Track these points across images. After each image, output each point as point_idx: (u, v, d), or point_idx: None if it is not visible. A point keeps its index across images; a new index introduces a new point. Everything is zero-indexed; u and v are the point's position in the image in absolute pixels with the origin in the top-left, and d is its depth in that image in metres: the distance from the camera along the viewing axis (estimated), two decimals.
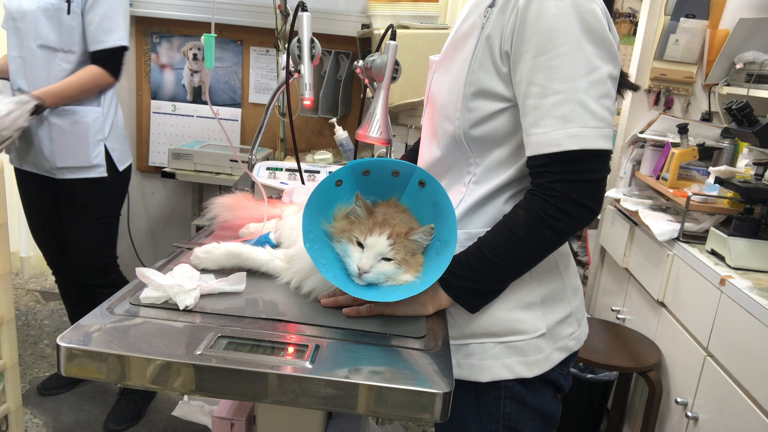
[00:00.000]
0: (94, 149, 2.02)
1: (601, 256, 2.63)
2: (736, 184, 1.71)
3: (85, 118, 1.99)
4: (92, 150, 2.02)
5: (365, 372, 0.74)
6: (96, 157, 2.03)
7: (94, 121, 2.01)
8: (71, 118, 1.98)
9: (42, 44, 1.92)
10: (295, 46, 1.18)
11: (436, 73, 1.05)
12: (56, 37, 1.91)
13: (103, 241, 2.15)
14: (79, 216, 2.08)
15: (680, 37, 2.28)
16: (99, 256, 2.15)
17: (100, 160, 2.04)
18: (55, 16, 1.89)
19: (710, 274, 1.63)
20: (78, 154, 2.00)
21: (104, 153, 2.05)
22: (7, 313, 1.70)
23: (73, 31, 1.91)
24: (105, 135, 2.05)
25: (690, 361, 1.70)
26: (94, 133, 2.01)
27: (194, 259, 1.00)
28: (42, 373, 2.47)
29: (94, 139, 2.02)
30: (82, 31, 1.93)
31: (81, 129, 1.99)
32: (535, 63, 0.86)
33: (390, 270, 0.89)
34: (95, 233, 2.12)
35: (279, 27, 2.43)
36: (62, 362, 0.74)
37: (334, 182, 0.91)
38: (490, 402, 0.99)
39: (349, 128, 2.43)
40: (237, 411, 1.15)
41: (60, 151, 1.99)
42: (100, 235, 2.13)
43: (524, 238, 0.88)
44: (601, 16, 0.87)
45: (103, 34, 1.92)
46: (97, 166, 2.04)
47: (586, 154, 0.85)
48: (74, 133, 1.99)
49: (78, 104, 1.98)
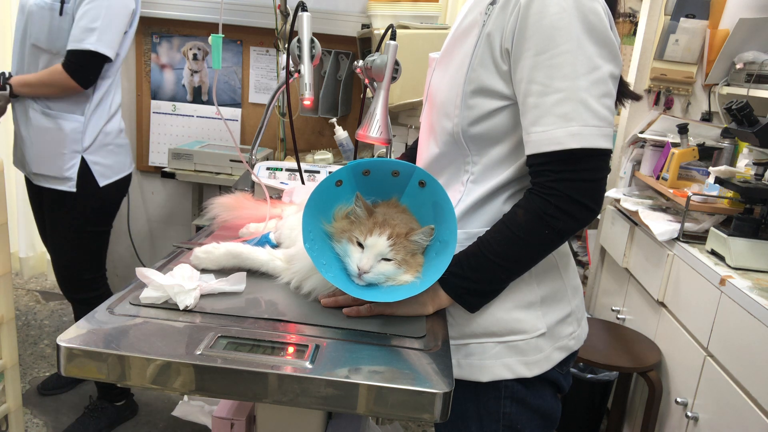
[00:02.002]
0: (68, 161, 1.92)
1: (601, 256, 2.63)
2: (736, 184, 1.71)
3: (64, 126, 1.91)
4: (66, 162, 1.92)
5: (365, 372, 0.74)
6: (68, 170, 1.92)
7: (71, 132, 1.91)
8: (52, 123, 1.91)
9: (34, 43, 1.88)
10: (295, 46, 1.18)
11: (436, 70, 1.05)
12: (44, 37, 1.85)
13: (79, 255, 2.03)
14: (54, 225, 2.00)
15: (680, 37, 2.28)
16: (74, 270, 2.05)
17: (72, 174, 1.92)
18: (47, 16, 1.83)
19: (710, 274, 1.63)
20: (51, 163, 1.92)
21: (79, 166, 1.93)
22: (7, 313, 1.70)
23: (63, 33, 1.84)
24: (83, 147, 1.94)
25: (690, 361, 1.70)
26: (70, 144, 1.91)
27: (194, 259, 1.00)
28: (42, 373, 2.47)
29: (70, 149, 1.92)
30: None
31: (58, 137, 1.91)
32: (536, 61, 0.86)
33: (390, 270, 0.89)
34: (71, 245, 2.01)
35: (279, 27, 2.43)
36: (62, 362, 0.74)
37: (334, 182, 0.91)
38: (490, 402, 0.99)
39: (349, 128, 2.43)
40: (237, 411, 1.15)
41: (36, 156, 1.93)
42: (76, 248, 2.01)
43: (524, 238, 0.88)
44: (603, 16, 0.87)
45: (78, 33, 1.81)
46: (67, 179, 1.93)
47: (586, 153, 0.85)
48: (51, 141, 1.91)
49: (61, 110, 1.91)
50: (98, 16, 1.81)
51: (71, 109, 1.93)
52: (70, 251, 2.03)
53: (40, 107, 1.92)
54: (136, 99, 2.94)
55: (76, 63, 1.84)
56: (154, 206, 3.10)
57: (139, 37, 2.87)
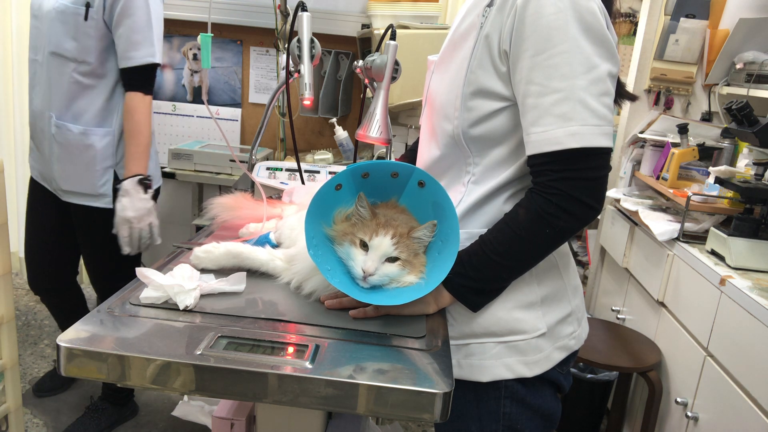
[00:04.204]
0: (101, 177, 1.82)
1: (601, 256, 2.63)
2: (736, 184, 1.71)
3: (95, 143, 1.79)
4: (99, 178, 1.81)
5: (365, 372, 0.75)
6: (102, 186, 1.82)
7: (104, 148, 1.80)
8: (81, 140, 1.79)
9: (54, 51, 1.74)
10: (295, 46, 1.18)
11: (435, 72, 1.05)
12: (70, 45, 1.71)
13: (118, 267, 1.92)
14: (88, 243, 1.93)
15: (680, 37, 2.28)
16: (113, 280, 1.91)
17: (107, 190, 1.82)
18: (71, 21, 1.69)
19: (710, 274, 1.63)
20: (84, 180, 1.81)
21: (113, 181, 1.83)
22: (7, 313, 1.70)
23: (90, 40, 1.71)
24: (116, 161, 1.84)
25: (690, 361, 1.70)
26: (102, 160, 1.80)
27: (194, 258, 1.00)
28: (42, 374, 2.47)
29: (102, 166, 1.81)
30: (100, 40, 1.73)
31: (89, 155, 1.79)
32: (534, 62, 0.86)
33: (394, 271, 0.89)
34: (107, 261, 1.92)
35: (279, 27, 2.43)
36: (62, 362, 0.74)
37: (333, 186, 0.91)
38: (490, 402, 0.99)
39: (349, 128, 2.43)
40: (237, 411, 1.15)
41: (65, 173, 1.81)
42: (115, 262, 1.88)
43: (525, 237, 0.88)
44: (599, 15, 0.87)
45: (131, 49, 1.72)
46: (102, 196, 1.83)
47: (586, 152, 0.85)
48: (81, 159, 1.79)
49: (88, 124, 1.79)
50: (143, 24, 1.73)
51: (100, 121, 1.81)
52: (111, 264, 1.94)
53: (65, 121, 1.79)
54: None
55: (141, 79, 1.76)
56: None
57: None
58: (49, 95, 1.79)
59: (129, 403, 2.23)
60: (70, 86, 1.77)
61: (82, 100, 1.79)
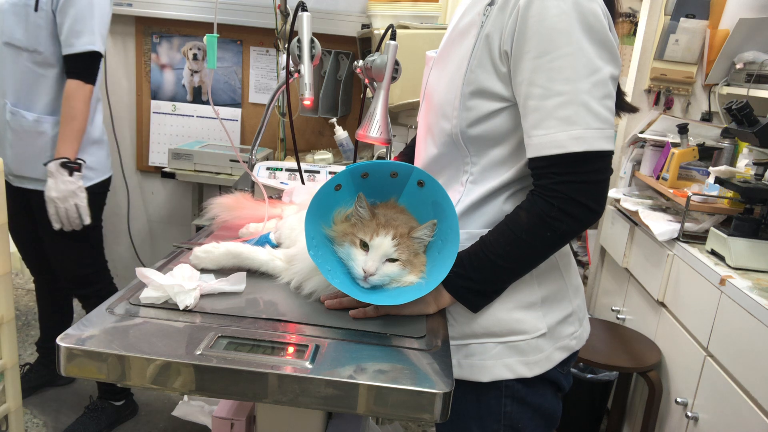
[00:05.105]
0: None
1: (601, 256, 2.63)
2: (736, 184, 1.71)
3: (47, 130, 1.89)
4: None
5: (365, 372, 0.74)
6: None
7: (56, 135, 1.88)
8: (34, 127, 1.88)
9: (8, 42, 1.83)
10: (295, 46, 1.18)
11: (433, 69, 1.05)
12: (21, 35, 1.81)
13: (78, 253, 2.03)
14: (47, 227, 1.94)
15: (680, 37, 2.28)
16: (76, 267, 2.05)
17: None
18: (21, 12, 1.80)
19: (710, 274, 1.63)
20: (36, 165, 1.90)
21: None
22: (7, 313, 1.70)
23: (40, 29, 1.81)
24: None
25: (690, 361, 1.70)
26: (54, 146, 1.88)
27: (194, 258, 1.00)
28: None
29: (54, 152, 1.87)
30: (50, 30, 1.82)
31: (42, 141, 1.89)
32: (536, 64, 0.85)
33: (395, 271, 0.89)
34: (67, 245, 2.00)
35: (279, 27, 2.43)
36: (62, 362, 0.74)
37: (333, 187, 0.91)
38: (490, 402, 0.99)
39: (349, 128, 2.43)
40: (237, 411, 1.15)
41: (18, 158, 1.91)
42: (73, 247, 2.01)
43: (526, 240, 0.88)
44: (602, 17, 0.87)
45: (72, 37, 1.80)
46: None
47: (589, 156, 0.85)
48: (35, 144, 1.89)
49: (40, 112, 1.88)
50: (86, 14, 1.80)
51: (52, 111, 1.89)
52: (70, 249, 2.02)
53: (19, 108, 1.88)
54: (136, 99, 2.94)
55: (82, 67, 1.84)
56: (154, 206, 3.10)
57: (139, 37, 2.87)
58: (4, 84, 1.88)
59: (127, 398, 2.24)
60: (24, 75, 1.86)
61: (35, 88, 1.89)
